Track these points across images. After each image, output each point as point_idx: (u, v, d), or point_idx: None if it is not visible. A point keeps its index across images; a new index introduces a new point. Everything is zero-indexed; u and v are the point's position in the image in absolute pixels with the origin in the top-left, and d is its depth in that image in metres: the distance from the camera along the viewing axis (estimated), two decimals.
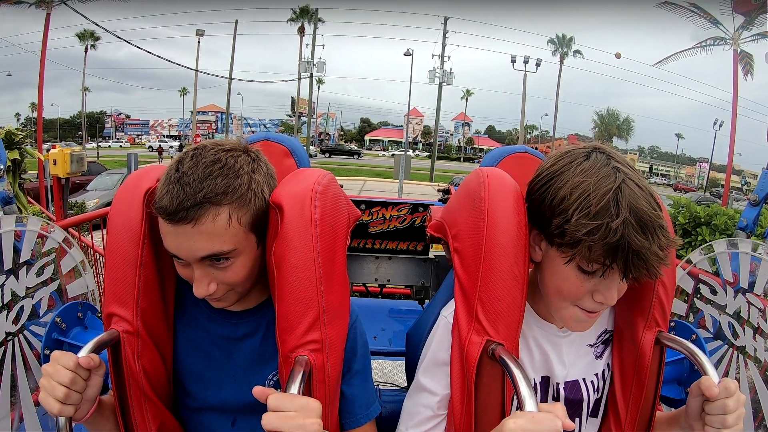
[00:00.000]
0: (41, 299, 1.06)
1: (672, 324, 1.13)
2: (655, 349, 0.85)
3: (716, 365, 1.20)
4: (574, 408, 0.89)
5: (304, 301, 0.77)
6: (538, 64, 34.35)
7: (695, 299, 1.29)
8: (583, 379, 0.89)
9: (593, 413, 0.92)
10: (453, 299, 0.89)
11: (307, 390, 0.76)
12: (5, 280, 0.98)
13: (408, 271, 1.65)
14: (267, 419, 0.62)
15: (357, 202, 1.47)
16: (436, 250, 1.73)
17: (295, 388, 0.67)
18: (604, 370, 0.91)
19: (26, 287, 1.02)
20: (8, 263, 0.99)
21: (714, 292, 1.24)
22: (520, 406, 0.64)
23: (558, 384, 0.88)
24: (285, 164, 1.16)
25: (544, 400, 0.88)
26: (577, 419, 0.90)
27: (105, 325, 0.83)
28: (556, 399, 0.88)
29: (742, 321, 1.17)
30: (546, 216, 0.77)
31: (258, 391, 0.67)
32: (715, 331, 1.24)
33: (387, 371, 2.03)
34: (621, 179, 0.70)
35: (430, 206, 1.49)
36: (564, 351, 0.89)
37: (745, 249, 1.18)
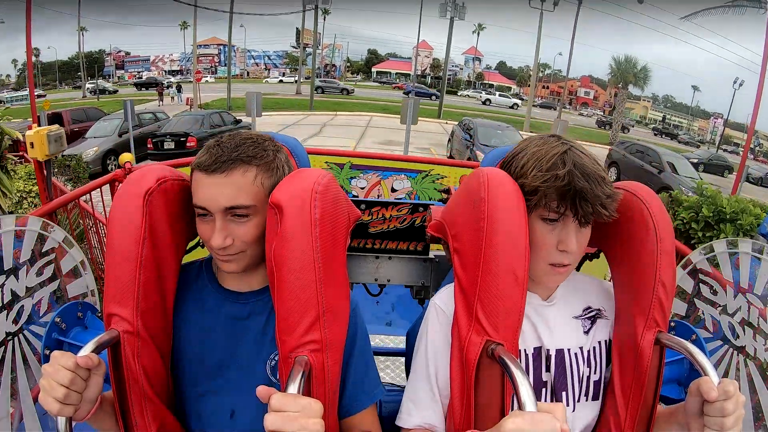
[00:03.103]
0: (41, 299, 1.06)
1: (672, 324, 1.13)
2: (654, 349, 0.85)
3: (716, 365, 1.20)
4: (560, 381, 0.92)
5: (304, 302, 0.78)
6: (555, 3, 30.94)
7: (695, 299, 1.29)
8: (568, 350, 0.93)
9: (594, 396, 0.94)
10: (444, 285, 0.96)
11: (306, 390, 0.76)
12: (5, 280, 0.98)
13: (408, 271, 1.64)
14: (270, 420, 0.63)
15: (357, 202, 1.47)
16: (436, 250, 1.73)
17: (294, 388, 0.67)
18: (595, 347, 0.95)
19: (26, 287, 1.02)
20: (8, 263, 0.99)
21: (714, 292, 1.24)
22: (520, 407, 0.64)
23: (549, 351, 0.92)
24: None
25: (537, 370, 0.92)
26: (564, 393, 0.92)
27: (105, 325, 0.83)
28: (548, 368, 0.92)
29: (742, 321, 1.17)
30: None
31: (261, 390, 0.67)
32: (715, 331, 1.23)
33: (387, 370, 2.02)
34: (567, 148, 0.86)
35: (430, 206, 1.49)
36: (550, 318, 0.94)
37: (746, 249, 1.18)
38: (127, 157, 2.56)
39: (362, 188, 3.18)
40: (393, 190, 3.17)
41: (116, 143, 10.71)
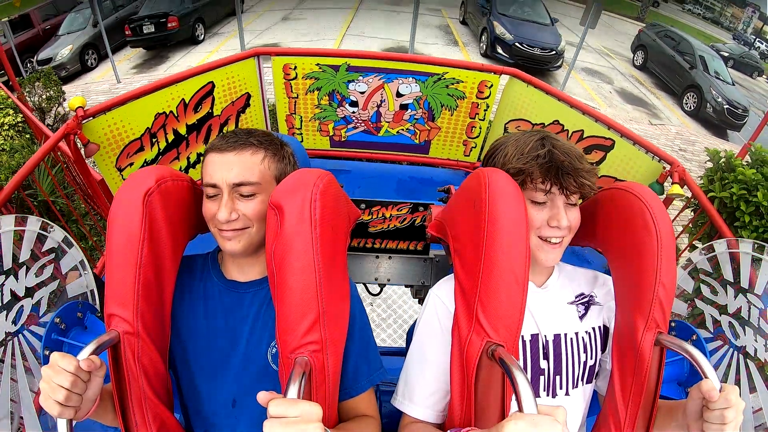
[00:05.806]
0: (41, 299, 1.06)
1: (672, 324, 1.13)
2: (654, 349, 0.85)
3: (716, 366, 1.20)
4: (558, 368, 0.95)
5: (304, 303, 0.77)
6: None
7: (695, 299, 1.29)
8: (565, 334, 0.96)
9: (588, 380, 0.98)
10: (443, 278, 1.01)
11: (307, 391, 0.76)
12: (5, 280, 0.98)
13: (408, 270, 1.65)
14: (269, 426, 0.62)
15: (357, 202, 1.47)
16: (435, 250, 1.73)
17: (294, 390, 0.67)
18: (590, 333, 0.98)
19: (26, 287, 1.02)
20: (8, 263, 0.99)
21: (714, 292, 1.24)
22: (520, 408, 0.64)
23: (546, 336, 0.95)
24: None
25: (535, 356, 0.94)
26: (561, 380, 0.95)
27: (105, 326, 0.83)
28: (546, 353, 0.94)
29: (742, 321, 1.17)
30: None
31: (261, 396, 0.67)
32: (716, 331, 1.23)
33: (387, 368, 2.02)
34: (544, 135, 0.95)
35: (431, 206, 1.49)
36: (544, 304, 0.97)
37: (746, 249, 1.18)
38: (77, 101, 1.93)
39: (362, 93, 2.70)
40: (399, 95, 2.71)
41: (92, 35, 9.15)
